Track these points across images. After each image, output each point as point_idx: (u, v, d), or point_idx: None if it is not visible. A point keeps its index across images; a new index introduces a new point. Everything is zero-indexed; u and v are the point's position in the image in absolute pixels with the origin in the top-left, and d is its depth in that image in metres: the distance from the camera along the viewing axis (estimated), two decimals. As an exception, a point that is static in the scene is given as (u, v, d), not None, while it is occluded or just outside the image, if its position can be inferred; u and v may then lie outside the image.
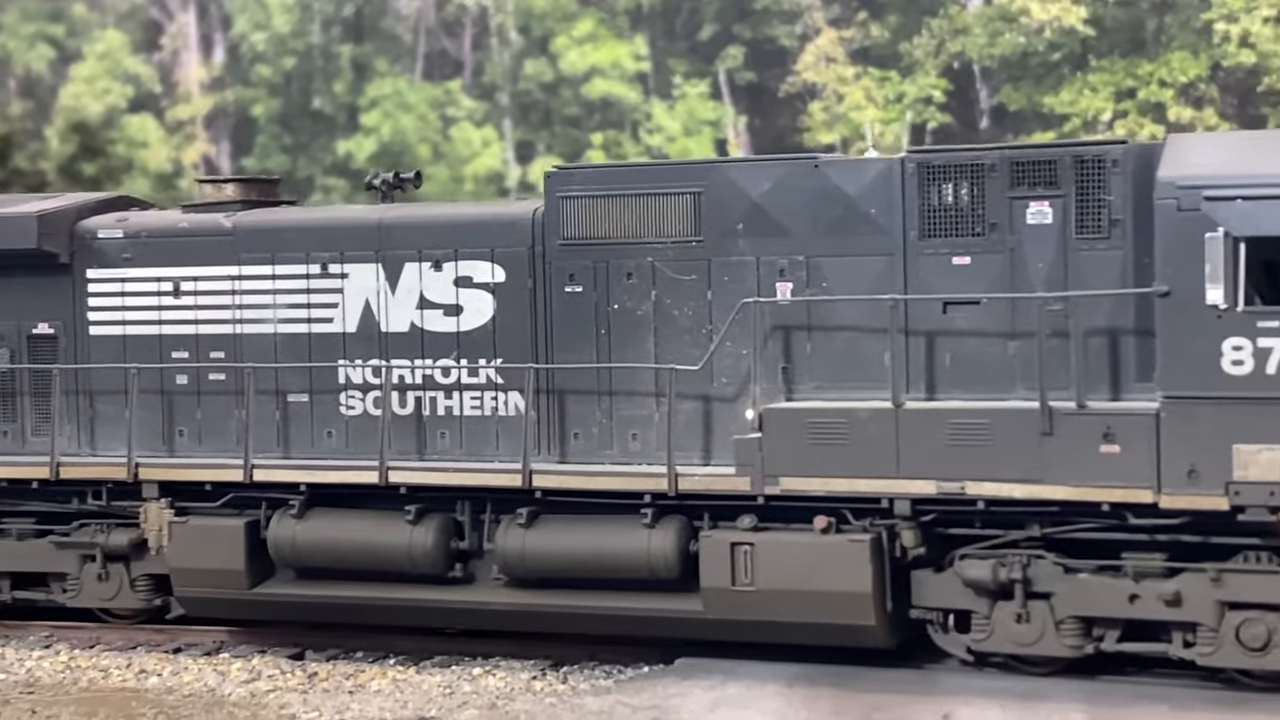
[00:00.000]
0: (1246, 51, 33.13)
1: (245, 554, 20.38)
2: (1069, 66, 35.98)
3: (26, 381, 21.91)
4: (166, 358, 21.21)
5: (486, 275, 19.90)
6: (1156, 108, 33.79)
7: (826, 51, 44.22)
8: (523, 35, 52.88)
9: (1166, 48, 34.38)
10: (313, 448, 20.66)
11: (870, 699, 17.61)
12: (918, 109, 40.30)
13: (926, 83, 40.21)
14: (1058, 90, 36.01)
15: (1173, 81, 34.06)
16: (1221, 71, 33.19)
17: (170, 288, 21.22)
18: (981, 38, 38.53)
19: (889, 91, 41.39)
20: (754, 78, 47.41)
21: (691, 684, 18.40)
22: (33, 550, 21.78)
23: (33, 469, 21.22)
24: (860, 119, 40.09)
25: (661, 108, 49.16)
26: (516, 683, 19.02)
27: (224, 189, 21.63)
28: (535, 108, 52.47)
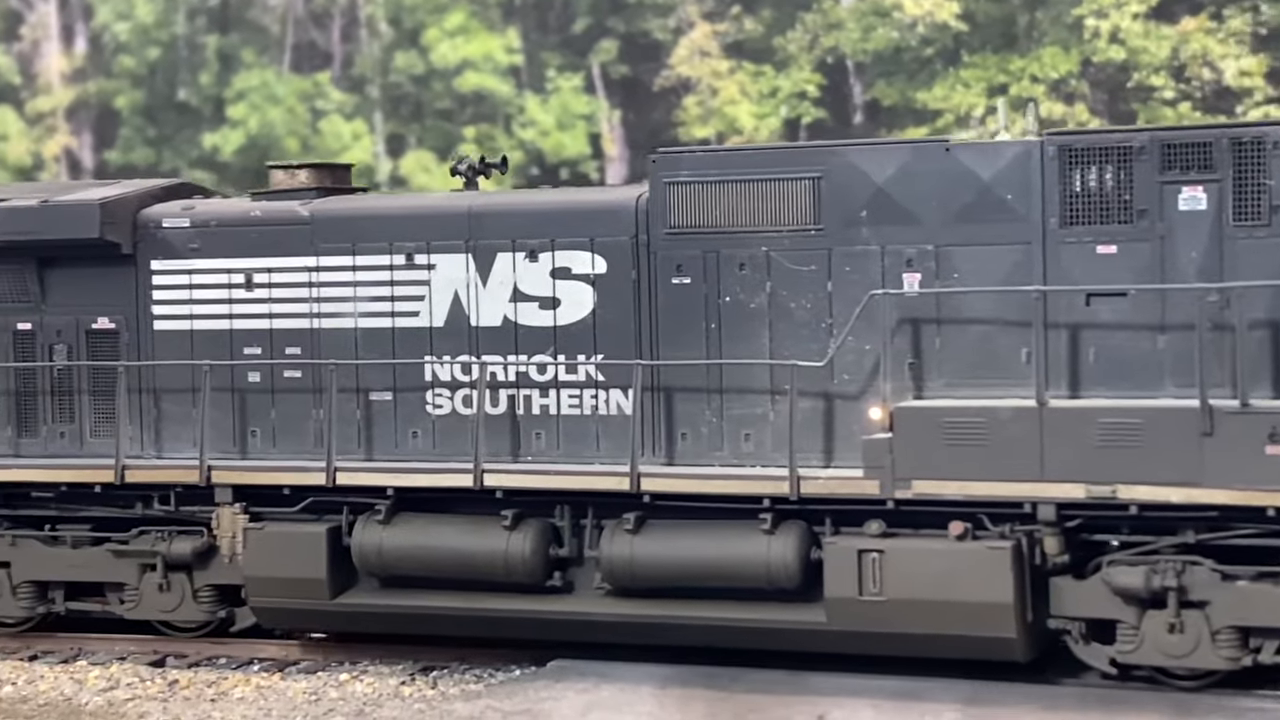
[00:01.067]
0: (1116, 47, 33.06)
1: (327, 562, 19.18)
2: (942, 62, 35.73)
3: (85, 379, 20.66)
4: (238, 354, 20.03)
5: (586, 266, 18.77)
6: (1028, 103, 33.40)
7: (700, 45, 43.90)
8: (393, 27, 51.93)
9: (1038, 43, 34.28)
10: (396, 449, 19.51)
11: (745, 700, 17.22)
12: (792, 104, 39.97)
13: (801, 77, 39.97)
14: (931, 85, 35.74)
15: (1044, 77, 33.98)
16: (1092, 67, 33.05)
17: (242, 280, 20.04)
18: (855, 32, 38.32)
19: (763, 86, 41.18)
20: (628, 72, 46.93)
21: (564, 687, 17.95)
22: (89, 558, 20.56)
23: (96, 472, 20.00)
24: (735, 113, 39.52)
25: (535, 101, 48.48)
26: (384, 688, 18.51)
27: (297, 174, 20.44)
28: (406, 101, 51.59)
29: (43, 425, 20.82)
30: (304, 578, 19.22)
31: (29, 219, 20.28)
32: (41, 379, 20.81)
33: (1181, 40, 32.17)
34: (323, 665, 19.45)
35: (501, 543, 18.56)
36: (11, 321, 20.85)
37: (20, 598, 20.82)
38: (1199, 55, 31.61)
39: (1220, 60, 31.34)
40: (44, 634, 20.81)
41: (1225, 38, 31.30)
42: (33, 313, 20.78)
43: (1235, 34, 31.01)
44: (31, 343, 20.84)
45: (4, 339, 20.89)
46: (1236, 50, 31.28)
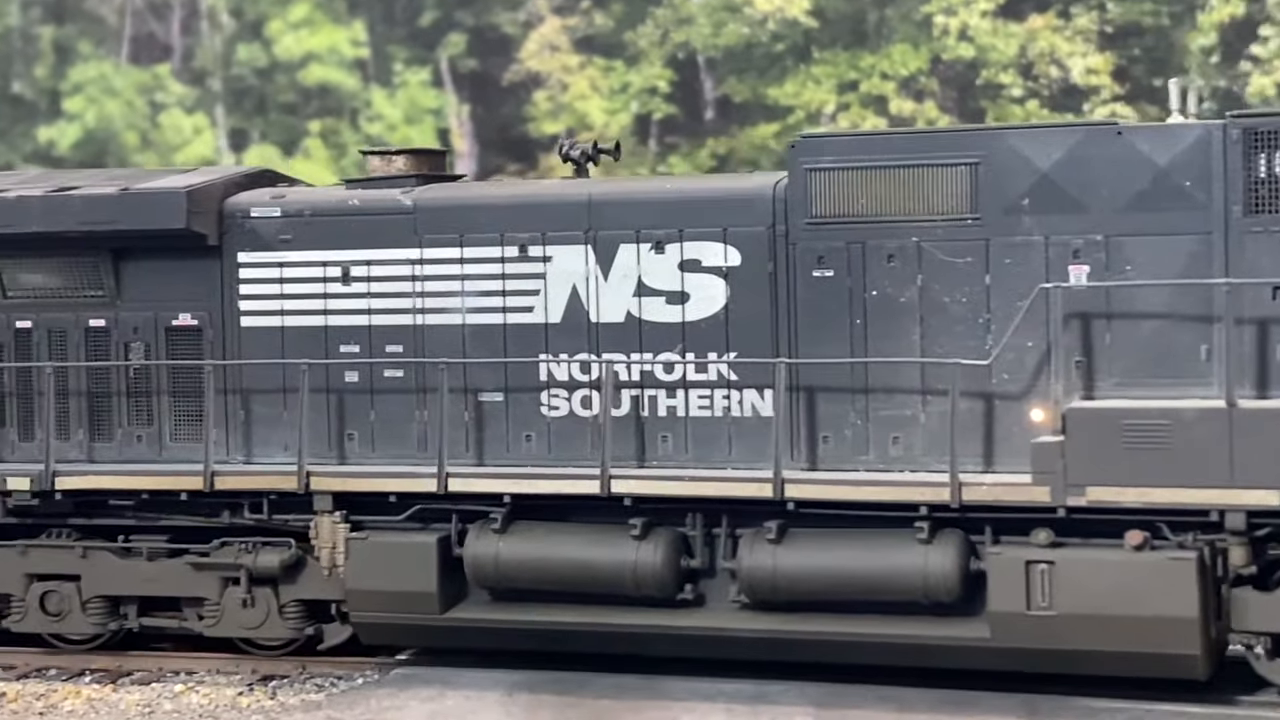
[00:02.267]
0: (965, 45, 32.80)
1: (438, 574, 17.93)
2: (792, 58, 35.26)
3: (165, 379, 19.33)
4: (333, 352, 18.77)
5: (718, 258, 17.60)
6: (879, 100, 33.37)
7: (550, 40, 43.28)
8: (235, 19, 50.70)
9: (888, 40, 33.83)
10: (508, 453, 18.29)
11: (594, 705, 16.97)
12: (643, 100, 39.40)
13: (651, 73, 39.48)
14: (782, 82, 35.23)
15: (894, 74, 33.59)
16: (941, 64, 32.67)
17: (338, 273, 18.77)
18: (706, 28, 37.86)
19: (614, 81, 40.65)
20: (477, 66, 46.19)
21: (408, 695, 17.52)
22: (166, 571, 19.24)
23: (182, 479, 18.69)
24: (586, 108, 38.96)
25: (381, 95, 47.60)
26: (221, 699, 17.96)
27: (394, 161, 19.17)
28: (249, 94, 50.30)
29: (118, 428, 19.51)
30: (412, 591, 17.97)
31: (107, 208, 18.97)
32: (116, 379, 19.49)
33: (1029, 38, 32.07)
34: (157, 676, 18.84)
35: (630, 553, 17.36)
36: (83, 318, 19.54)
37: (91, 613, 19.46)
38: (1046, 53, 31.53)
39: (1067, 58, 31.29)
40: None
41: (1072, 36, 31.24)
42: (107, 308, 19.47)
43: (1082, 32, 30.97)
44: (105, 340, 19.54)
45: (75, 336, 19.57)
46: (1083, 48, 31.24)
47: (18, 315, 19.70)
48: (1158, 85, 29.82)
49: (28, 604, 19.58)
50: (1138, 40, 30.48)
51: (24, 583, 19.54)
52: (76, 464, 19.38)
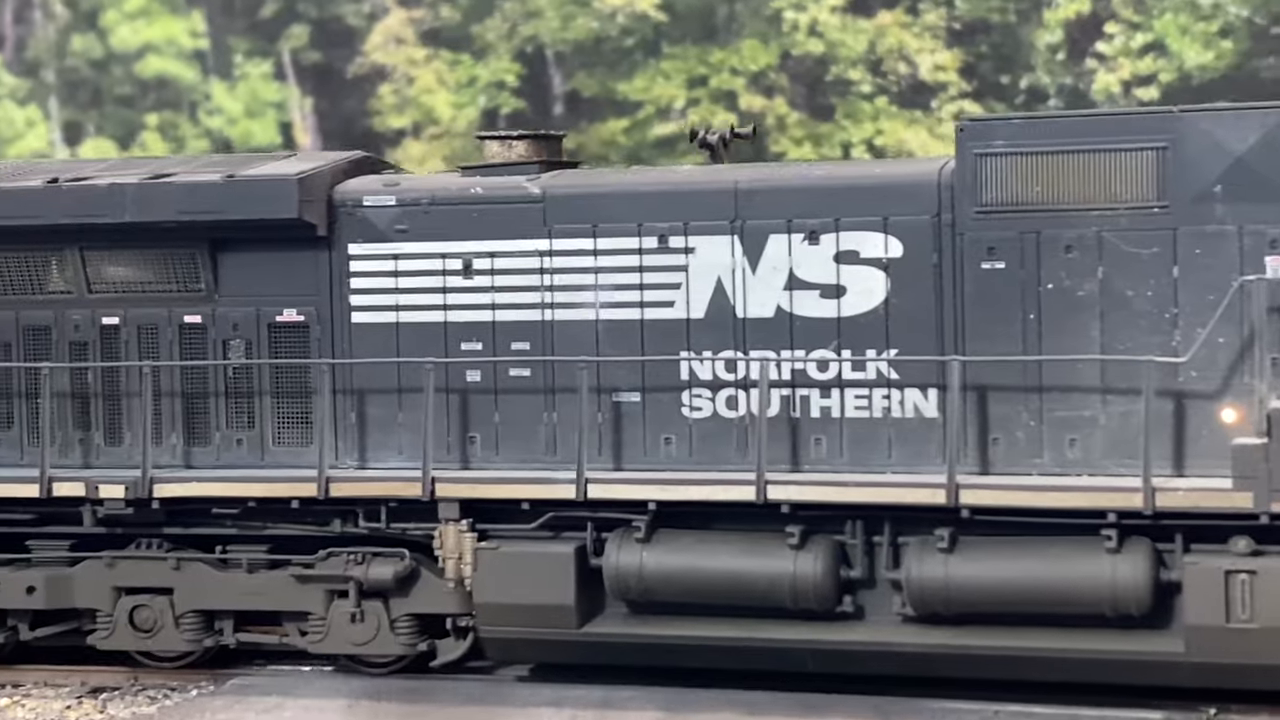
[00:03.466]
0: (815, 40, 32.54)
1: (575, 586, 16.81)
2: (642, 53, 34.90)
3: (267, 379, 18.12)
4: (453, 349, 17.61)
5: (878, 249, 16.56)
6: (729, 95, 33.07)
7: (396, 32, 42.67)
8: (69, 9, 48.98)
9: (737, 35, 33.49)
10: (645, 457, 17.20)
11: (439, 713, 16.58)
12: (490, 94, 38.90)
13: (499, 67, 39.05)
14: (631, 77, 34.87)
15: (744, 69, 33.38)
16: (791, 60, 32.43)
17: (459, 265, 17.63)
18: (554, 21, 37.46)
19: (461, 75, 40.08)
20: (320, 58, 45.33)
21: (245, 706, 17.05)
22: (268, 584, 18.02)
23: (295, 485, 17.46)
24: (432, 102, 38.45)
25: (221, 88, 46.51)
26: (48, 713, 17.30)
27: (514, 146, 18.02)
28: (84, 86, 48.64)
29: (215, 432, 18.30)
30: (548, 604, 16.85)
31: (210, 196, 17.77)
32: (214, 379, 18.26)
33: (878, 34, 31.81)
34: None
35: (788, 564, 16.30)
36: (177, 314, 18.33)
37: (185, 629, 18.21)
38: (895, 49, 31.20)
39: (916, 54, 30.98)
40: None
41: (921, 32, 31.10)
42: (203, 303, 18.26)
43: (930, 28, 30.80)
44: (201, 338, 18.33)
45: (168, 333, 18.35)
46: (932, 44, 30.96)
47: (104, 311, 18.47)
48: (1004, 82, 29.56)
49: (116, 619, 18.30)
50: (985, 37, 30.48)
51: (112, 596, 18.29)
52: (172, 470, 18.12)
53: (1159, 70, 28.50)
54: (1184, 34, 28.30)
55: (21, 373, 18.61)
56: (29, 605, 18.42)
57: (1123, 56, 28.93)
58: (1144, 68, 28.62)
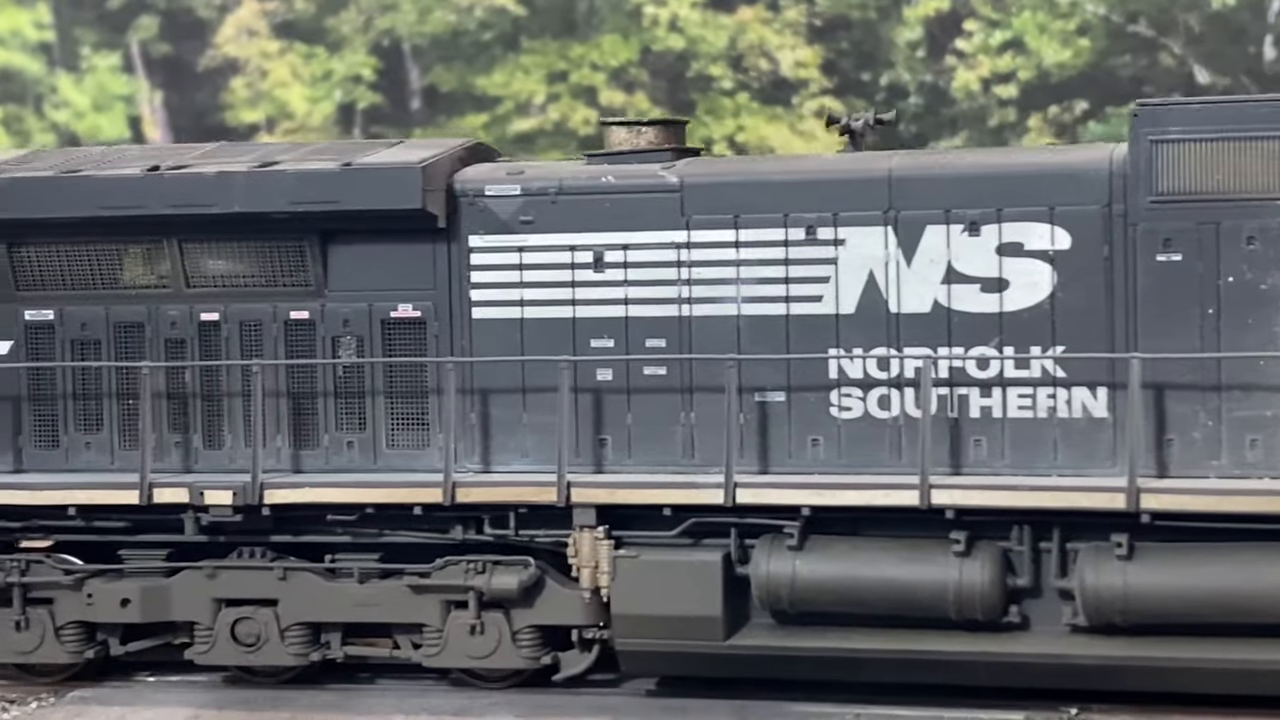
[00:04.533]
0: (675, 36, 32.38)
1: (722, 596, 15.92)
2: (501, 47, 34.64)
3: (380, 379, 17.15)
4: (582, 347, 16.70)
5: (1043, 240, 15.75)
6: (589, 91, 32.74)
7: (248, 24, 41.93)
8: None
9: (598, 30, 33.24)
10: (790, 459, 16.36)
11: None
12: (346, 88, 38.40)
13: (355, 61, 38.52)
14: (490, 71, 34.58)
15: (604, 65, 33.16)
16: (652, 55, 32.25)
17: (589, 258, 16.73)
18: (411, 15, 37.11)
19: (316, 69, 39.49)
20: (170, 51, 44.40)
21: (86, 719, 16.50)
22: (380, 595, 17.04)
23: (416, 491, 16.49)
24: (286, 96, 37.93)
25: (68, 81, 45.32)
26: None
27: (643, 133, 17.14)
28: None
29: (324, 434, 17.32)
30: (693, 615, 15.97)
31: (326, 185, 16.80)
32: (323, 379, 17.28)
33: (739, 30, 31.60)
34: None
35: (953, 572, 15.47)
36: (283, 309, 17.34)
37: (290, 642, 17.20)
38: (756, 45, 30.97)
39: (777, 50, 30.78)
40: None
41: (782, 28, 30.88)
42: (312, 298, 17.28)
43: (791, 25, 30.56)
44: (309, 334, 17.35)
45: (272, 330, 17.36)
46: (793, 41, 30.76)
47: (203, 307, 17.47)
48: (865, 79, 29.41)
49: (216, 632, 17.27)
50: (846, 34, 30.28)
51: (212, 608, 17.26)
52: (279, 475, 17.12)
53: (1018, 68, 28.52)
54: (1042, 32, 28.41)
55: (111, 372, 17.57)
56: (124, 619, 17.39)
57: (982, 54, 28.92)
58: (1003, 65, 28.65)
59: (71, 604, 17.43)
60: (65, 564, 17.49)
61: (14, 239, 17.60)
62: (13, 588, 17.48)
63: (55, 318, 17.70)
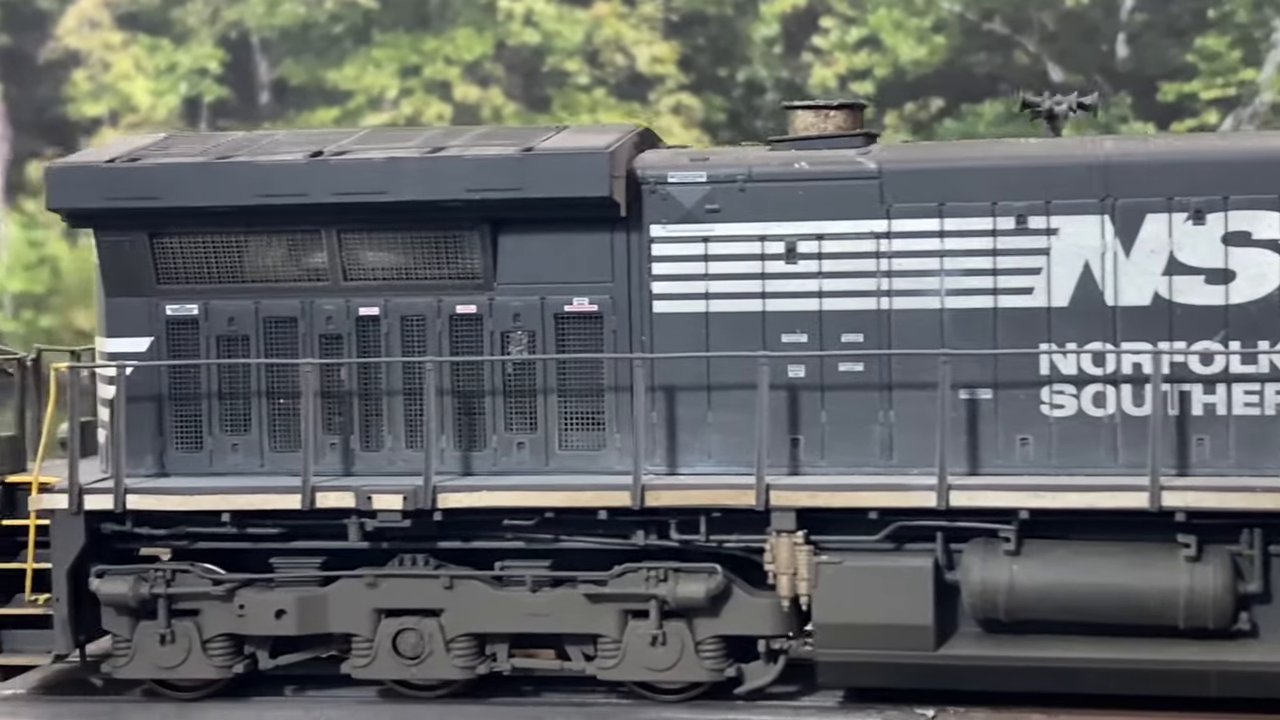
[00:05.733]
0: (531, 30, 32.21)
1: (934, 603, 15.11)
2: (352, 40, 34.29)
3: (553, 376, 16.27)
4: (772, 341, 15.87)
5: (1272, 229, 15.08)
6: (442, 86, 32.50)
7: (90, 16, 41.34)
8: None
9: (451, 24, 33.02)
10: (998, 459, 15.56)
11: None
12: (193, 81, 37.94)
13: (202, 53, 38.09)
14: (341, 65, 34.24)
15: (458, 59, 32.96)
16: (506, 50, 32.05)
17: (780, 249, 15.91)
18: (260, 7, 36.72)
19: (160, 61, 38.99)
20: (9, 42, 43.68)
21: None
22: (553, 604, 16.15)
23: (602, 494, 15.64)
24: (130, 89, 37.45)
25: None
26: None
27: (831, 117, 16.33)
28: None
29: (492, 435, 16.42)
30: (902, 624, 15.15)
31: (504, 172, 15.92)
32: (491, 376, 16.37)
33: (595, 25, 31.35)
34: None
35: (1183, 577, 14.72)
36: (448, 303, 16.42)
37: (456, 654, 16.29)
38: (612, 40, 30.74)
39: (633, 46, 30.58)
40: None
41: (638, 24, 30.61)
42: (479, 292, 16.37)
43: (648, 20, 30.34)
44: (476, 329, 16.45)
45: (436, 325, 16.44)
46: (649, 36, 30.53)
47: (361, 301, 16.53)
48: (722, 75, 29.17)
49: (377, 644, 16.33)
50: (702, 29, 30.05)
51: (372, 619, 16.32)
52: (448, 477, 16.22)
53: (874, 65, 28.29)
54: (898, 29, 28.27)
55: (261, 370, 16.62)
56: (279, 631, 16.44)
57: (838, 51, 28.77)
58: (859, 62, 28.48)
59: (221, 616, 16.48)
60: (211, 574, 16.51)
61: (156, 228, 16.63)
62: (158, 599, 16.47)
63: (199, 312, 16.74)
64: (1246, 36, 26.61)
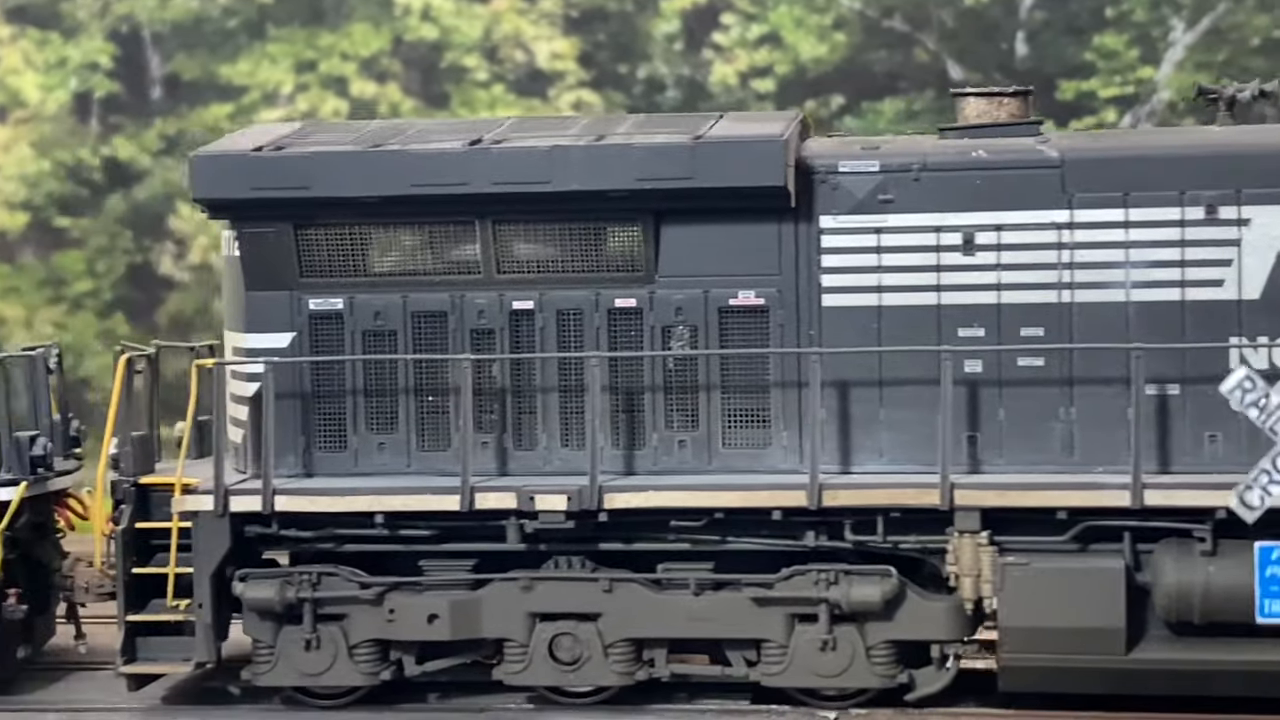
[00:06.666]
0: (429, 25, 32.10)
1: (1125, 606, 14.61)
2: (246, 35, 34.06)
3: (715, 372, 15.75)
4: (948, 336, 15.37)
5: None
6: (339, 81, 32.22)
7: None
8: None
9: (347, 19, 32.83)
10: (1187, 456, 15.07)
11: None
12: (83, 76, 37.58)
13: (92, 47, 37.65)
14: (235, 60, 34.00)
15: (354, 54, 32.77)
16: (404, 45, 31.91)
17: (957, 240, 15.42)
18: (151, 1, 36.16)
19: (50, 55, 38.58)
20: None
21: None
22: (716, 608, 15.62)
23: (776, 494, 15.15)
24: (19, 84, 37.07)
25: None
26: None
27: (1004, 104, 15.87)
28: None
29: (652, 433, 15.86)
30: (1093, 627, 14.66)
31: (677, 160, 15.41)
32: (650, 372, 15.84)
33: (494, 20, 31.19)
34: None
35: (1393, 578, 14.21)
36: (606, 297, 15.89)
37: (614, 659, 15.75)
38: (512, 36, 30.57)
39: (533, 42, 30.43)
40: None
41: (538, 19, 30.56)
42: (639, 285, 15.84)
43: (547, 15, 30.23)
44: (635, 324, 15.92)
45: (594, 319, 15.91)
46: (549, 32, 30.40)
47: (515, 295, 15.98)
48: (623, 72, 28.97)
49: (532, 650, 15.78)
50: (603, 25, 29.86)
51: (527, 624, 15.75)
52: (611, 476, 15.69)
53: (775, 62, 28.19)
54: (799, 26, 28.16)
55: (409, 366, 16.06)
56: (431, 636, 15.87)
57: (739, 48, 28.60)
58: (760, 59, 28.39)
59: (369, 620, 15.91)
60: (358, 578, 15.96)
61: (302, 219, 16.07)
62: (304, 603, 15.89)
63: (344, 307, 16.17)
64: (1144, 35, 26.67)
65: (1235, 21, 26.20)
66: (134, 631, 16.31)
